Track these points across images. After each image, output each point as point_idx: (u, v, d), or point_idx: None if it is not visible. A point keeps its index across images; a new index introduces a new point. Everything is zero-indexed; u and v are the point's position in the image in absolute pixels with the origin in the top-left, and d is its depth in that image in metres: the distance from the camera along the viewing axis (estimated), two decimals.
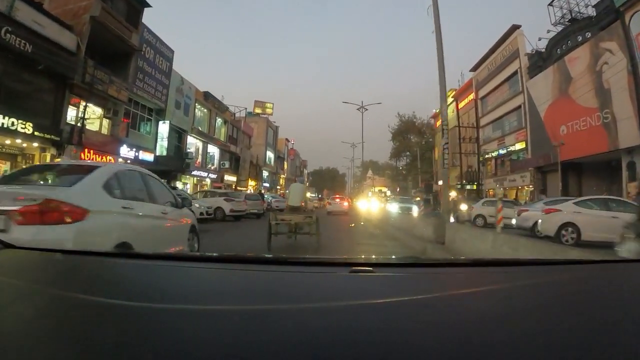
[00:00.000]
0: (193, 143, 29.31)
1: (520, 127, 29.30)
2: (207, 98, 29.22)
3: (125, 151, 20.27)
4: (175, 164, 24.79)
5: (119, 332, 0.79)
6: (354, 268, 1.31)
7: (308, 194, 58.94)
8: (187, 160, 25.82)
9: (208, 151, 31.46)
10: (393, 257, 3.98)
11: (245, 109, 39.87)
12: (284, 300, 1.02)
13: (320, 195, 66.12)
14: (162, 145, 23.09)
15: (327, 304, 0.96)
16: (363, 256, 4.06)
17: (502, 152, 31.01)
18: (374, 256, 5.17)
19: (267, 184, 51.57)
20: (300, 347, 0.73)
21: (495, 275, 1.46)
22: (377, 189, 77.76)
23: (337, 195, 37.83)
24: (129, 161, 20.77)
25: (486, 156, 29.42)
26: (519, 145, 28.95)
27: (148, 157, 22.32)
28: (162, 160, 23.16)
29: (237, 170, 37.02)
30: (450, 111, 45.07)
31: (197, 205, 14.10)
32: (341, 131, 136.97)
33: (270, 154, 52.81)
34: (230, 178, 35.36)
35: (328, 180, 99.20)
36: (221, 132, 33.57)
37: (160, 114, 23.53)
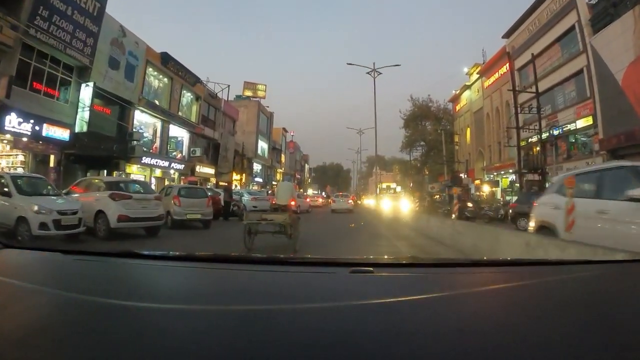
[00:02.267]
0: (150, 123, 22.37)
1: (582, 98, 22.03)
2: (166, 62, 22.08)
3: (14, 123, 13.39)
4: (111, 146, 17.85)
5: (118, 332, 0.79)
6: (354, 268, 1.31)
7: (310, 191, 52.75)
8: (132, 142, 18.85)
9: (172, 134, 24.44)
10: (393, 257, 3.86)
11: (228, 86, 32.77)
12: (284, 300, 1.02)
13: (324, 193, 59.80)
14: (82, 119, 16.07)
15: (327, 304, 0.96)
16: (363, 256, 3.39)
17: (554, 132, 23.63)
18: (374, 256, 4.74)
19: (259, 179, 44.60)
20: (300, 347, 0.73)
21: (495, 275, 1.46)
22: (384, 184, 70.96)
23: (341, 193, 35.76)
24: (25, 139, 14.02)
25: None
26: (582, 122, 21.66)
27: (61, 134, 15.40)
28: (86, 141, 16.22)
29: (216, 160, 30.02)
30: (475, 91, 37.98)
31: (35, 207, 7.01)
32: (346, 130, 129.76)
33: (263, 144, 45.71)
34: (206, 170, 28.36)
35: (332, 177, 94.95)
36: (192, 110, 26.48)
37: (85, 74, 16.57)
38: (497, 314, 0.97)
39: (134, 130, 19.43)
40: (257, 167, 44.58)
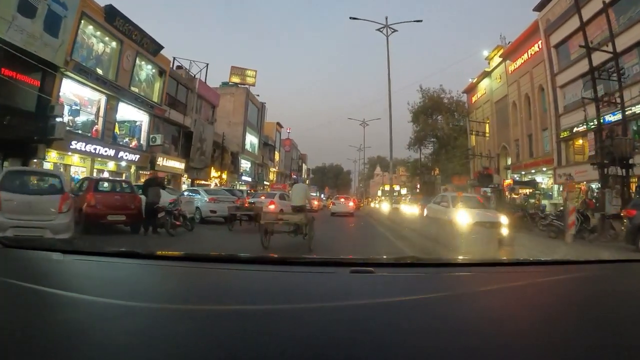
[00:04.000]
0: (94, 100, 17.35)
1: None
2: (112, 19, 16.92)
3: None
4: (25, 124, 12.81)
5: (118, 332, 0.79)
6: (354, 268, 1.30)
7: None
8: (54, 120, 13.81)
9: (125, 116, 19.38)
10: (393, 257, 3.56)
11: (207, 65, 27.69)
12: (284, 300, 1.01)
13: (323, 195, 55.75)
14: None
15: (328, 304, 0.96)
16: (363, 256, 2.95)
17: (609, 119, 18.58)
18: (374, 256, 4.67)
19: (248, 178, 39.52)
20: (300, 347, 0.73)
21: (495, 275, 1.45)
22: (386, 187, 66.00)
23: (342, 196, 32.51)
24: None
25: None
26: None
27: None
28: None
29: (187, 152, 24.94)
30: (496, 78, 32.95)
31: None
32: (346, 132, 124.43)
33: (252, 139, 40.61)
34: (173, 164, 23.19)
35: (331, 178, 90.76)
36: (154, 88, 21.40)
37: None
38: (497, 314, 0.96)
39: (57, 103, 14.34)
40: (245, 164, 39.55)
